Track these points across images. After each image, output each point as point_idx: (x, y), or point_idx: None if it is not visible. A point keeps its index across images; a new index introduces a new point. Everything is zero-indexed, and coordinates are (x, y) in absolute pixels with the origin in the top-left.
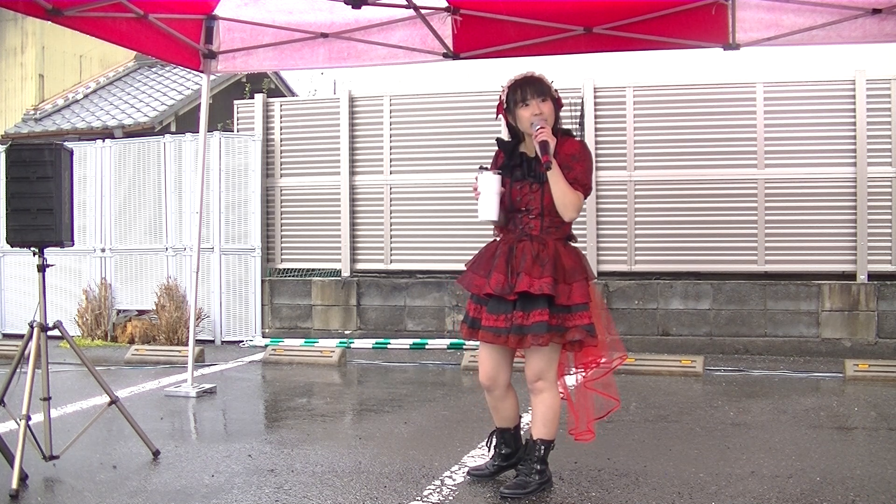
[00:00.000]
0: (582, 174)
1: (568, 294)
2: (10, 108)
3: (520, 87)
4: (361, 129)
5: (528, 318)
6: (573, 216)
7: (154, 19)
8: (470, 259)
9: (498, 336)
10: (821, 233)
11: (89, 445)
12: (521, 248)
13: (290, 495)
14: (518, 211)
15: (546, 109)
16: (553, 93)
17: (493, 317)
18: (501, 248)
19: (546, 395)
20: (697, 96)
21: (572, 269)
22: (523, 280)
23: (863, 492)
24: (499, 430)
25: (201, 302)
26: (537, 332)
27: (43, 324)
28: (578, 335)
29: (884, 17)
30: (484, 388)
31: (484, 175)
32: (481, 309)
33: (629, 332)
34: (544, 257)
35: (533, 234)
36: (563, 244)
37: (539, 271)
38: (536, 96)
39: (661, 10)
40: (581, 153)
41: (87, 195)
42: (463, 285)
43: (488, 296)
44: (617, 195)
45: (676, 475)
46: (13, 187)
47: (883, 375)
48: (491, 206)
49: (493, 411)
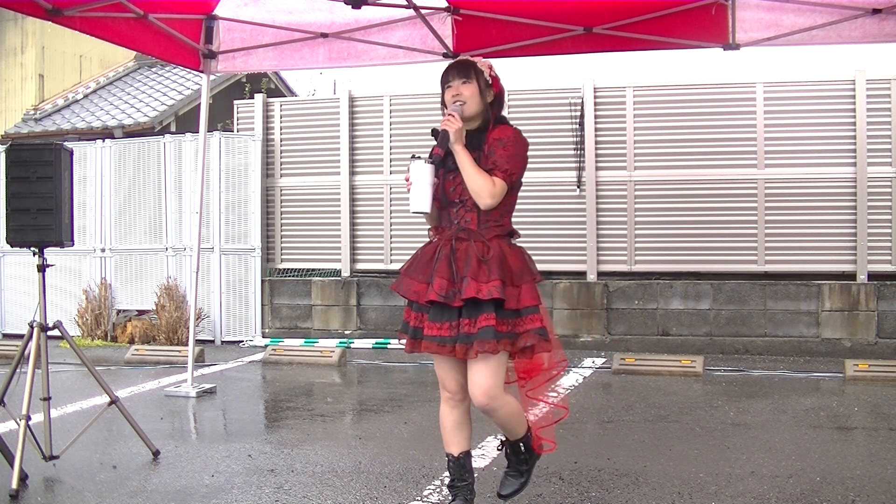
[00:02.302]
0: (503, 159)
1: (517, 297)
2: (10, 108)
3: (446, 71)
4: (361, 129)
5: (475, 325)
6: (488, 203)
7: (154, 19)
8: (405, 263)
9: (443, 346)
10: (821, 233)
11: (89, 445)
12: (464, 248)
13: (290, 495)
14: (452, 204)
15: (467, 92)
16: (483, 76)
17: (437, 325)
18: (442, 249)
19: (502, 411)
20: (697, 96)
21: (520, 271)
22: (470, 285)
23: (863, 492)
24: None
25: (201, 302)
26: (485, 339)
27: (43, 324)
28: (531, 340)
29: (884, 17)
30: (447, 402)
31: (415, 164)
32: (422, 317)
33: (629, 332)
34: (489, 258)
35: (470, 229)
36: (507, 244)
37: (486, 275)
38: (458, 78)
39: (661, 10)
40: (509, 139)
41: (87, 195)
42: (399, 292)
43: (430, 302)
44: (617, 195)
45: (676, 475)
46: (13, 187)
47: (883, 375)
48: (423, 198)
49: (457, 430)
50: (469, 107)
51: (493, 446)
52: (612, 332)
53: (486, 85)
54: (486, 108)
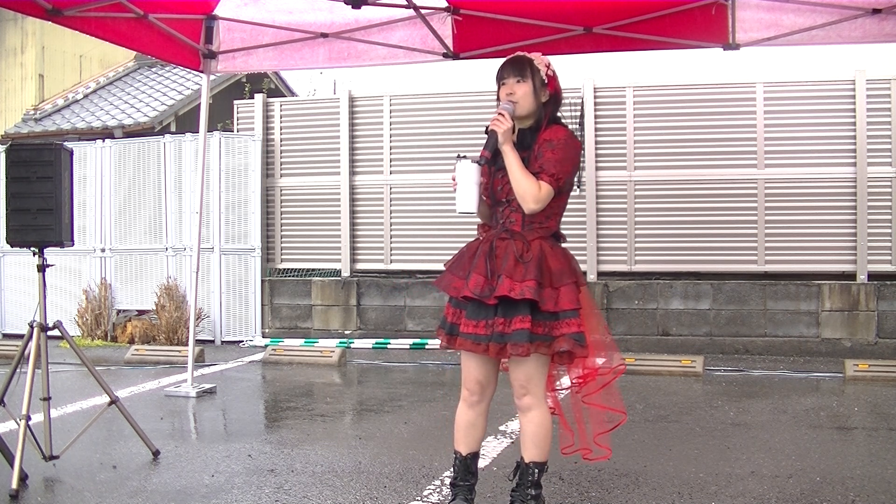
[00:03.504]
0: (551, 162)
1: (555, 299)
2: (10, 108)
3: (503, 67)
4: (361, 129)
5: (510, 326)
6: (532, 208)
7: (154, 19)
8: (449, 258)
9: (478, 344)
10: (821, 233)
11: (89, 445)
12: (504, 246)
13: (290, 495)
14: (499, 203)
15: (520, 91)
16: (539, 75)
17: (473, 323)
18: (482, 246)
19: (535, 413)
20: (697, 96)
21: (560, 272)
22: (504, 283)
23: (863, 492)
24: (470, 457)
25: (201, 302)
26: (518, 342)
27: (43, 324)
28: (566, 345)
29: (884, 17)
30: (465, 401)
31: (462, 163)
32: (460, 314)
33: (629, 332)
34: (528, 258)
35: (514, 230)
36: (549, 244)
37: (521, 274)
38: (512, 76)
39: (661, 10)
40: (560, 141)
41: (87, 195)
42: (440, 287)
43: (467, 299)
44: (617, 195)
45: (676, 475)
46: (13, 187)
47: (883, 375)
48: (469, 198)
49: (470, 430)
50: (521, 106)
51: (493, 446)
52: (612, 332)
53: (541, 84)
54: (539, 108)
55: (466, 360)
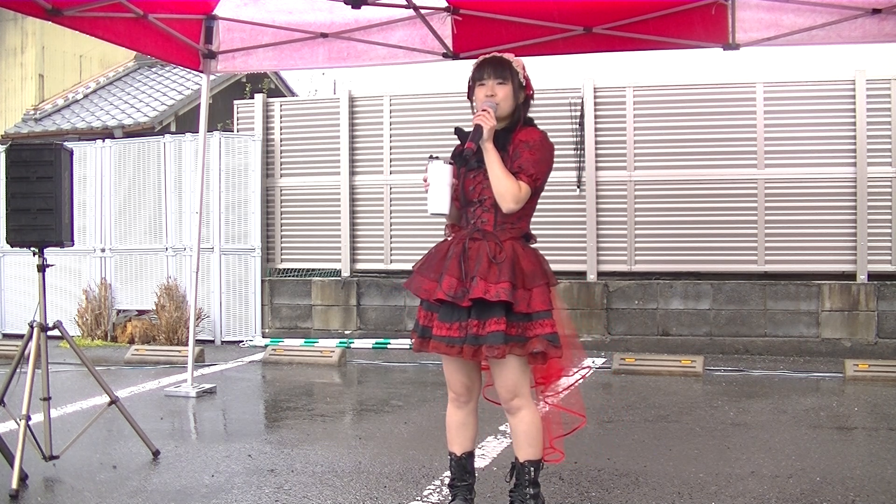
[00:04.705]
0: (529, 163)
1: (528, 300)
2: (10, 108)
3: (481, 67)
4: (361, 129)
5: (484, 328)
6: (511, 207)
7: (154, 19)
8: (418, 260)
9: (451, 346)
10: (821, 233)
11: (89, 445)
12: (476, 248)
13: (290, 495)
14: (471, 203)
15: (502, 93)
16: (518, 77)
17: (446, 325)
18: (454, 247)
19: (525, 413)
20: (697, 96)
21: (532, 273)
22: (478, 285)
23: (863, 492)
24: (465, 456)
25: (201, 302)
26: (493, 343)
27: (43, 324)
28: (540, 346)
29: (884, 17)
30: (453, 402)
31: (434, 164)
32: (432, 316)
33: (629, 332)
34: (501, 259)
35: (486, 230)
36: (521, 245)
37: (496, 275)
38: (493, 77)
39: (661, 10)
40: (536, 142)
41: (87, 195)
42: (410, 290)
43: (440, 301)
44: (617, 195)
45: (676, 475)
46: (13, 187)
47: (883, 375)
48: (441, 199)
49: (461, 430)
50: (502, 108)
51: (493, 446)
52: (612, 332)
53: (519, 86)
54: (516, 109)
55: (447, 363)
